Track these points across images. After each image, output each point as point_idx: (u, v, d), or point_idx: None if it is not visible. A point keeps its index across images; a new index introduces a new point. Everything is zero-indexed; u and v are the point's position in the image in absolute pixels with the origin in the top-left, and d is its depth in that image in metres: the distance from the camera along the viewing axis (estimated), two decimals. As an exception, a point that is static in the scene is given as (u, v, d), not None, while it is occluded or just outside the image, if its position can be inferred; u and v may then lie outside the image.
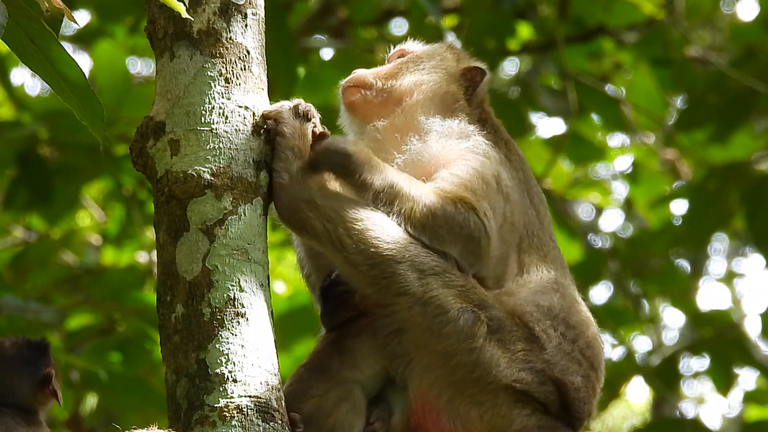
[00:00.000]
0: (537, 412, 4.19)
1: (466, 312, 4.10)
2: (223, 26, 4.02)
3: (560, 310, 4.29)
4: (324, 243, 4.06)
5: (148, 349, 7.73)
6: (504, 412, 4.17)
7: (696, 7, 9.66)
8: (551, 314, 4.26)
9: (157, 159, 3.96)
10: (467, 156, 4.31)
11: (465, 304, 4.11)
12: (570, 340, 4.27)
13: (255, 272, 3.89)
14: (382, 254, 4.05)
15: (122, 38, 8.88)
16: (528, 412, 4.19)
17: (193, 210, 3.91)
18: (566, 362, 4.23)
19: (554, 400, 4.21)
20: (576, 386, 4.23)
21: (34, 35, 3.54)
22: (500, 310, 4.18)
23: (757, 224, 8.64)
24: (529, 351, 4.18)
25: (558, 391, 4.22)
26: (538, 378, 4.18)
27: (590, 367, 4.31)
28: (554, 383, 4.21)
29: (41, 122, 7.94)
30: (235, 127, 3.95)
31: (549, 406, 4.21)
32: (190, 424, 3.77)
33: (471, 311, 4.11)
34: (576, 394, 4.23)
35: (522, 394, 4.17)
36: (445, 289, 4.09)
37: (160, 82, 4.02)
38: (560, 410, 4.23)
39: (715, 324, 9.70)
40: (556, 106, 9.11)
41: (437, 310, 4.07)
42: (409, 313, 4.07)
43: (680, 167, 10.31)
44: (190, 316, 3.84)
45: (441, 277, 4.10)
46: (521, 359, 4.16)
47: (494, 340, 4.13)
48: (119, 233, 8.98)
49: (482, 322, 4.12)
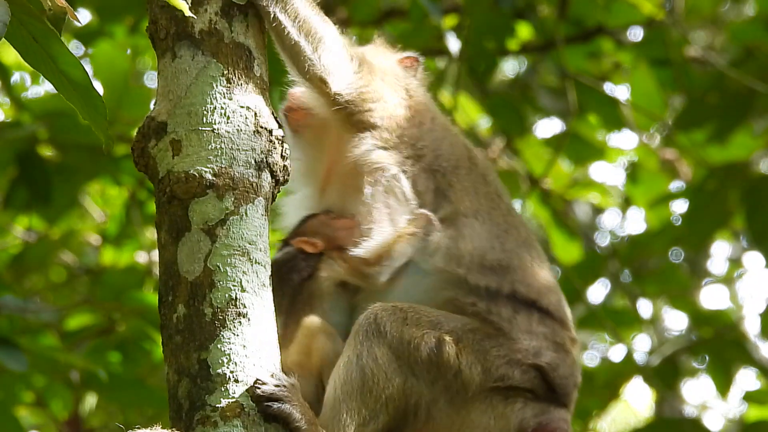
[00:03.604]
0: (528, 401, 4.28)
1: (425, 339, 4.16)
2: (225, 26, 4.02)
3: (507, 274, 4.31)
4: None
5: (147, 349, 7.73)
6: (500, 412, 4.22)
7: (696, 7, 9.67)
8: (500, 291, 4.29)
9: (158, 159, 3.96)
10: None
11: (420, 331, 4.16)
12: (526, 315, 4.31)
13: (257, 272, 3.89)
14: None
15: (122, 38, 8.88)
16: (521, 405, 4.26)
17: (194, 210, 3.91)
18: (536, 342, 4.29)
19: (539, 384, 4.29)
20: (553, 365, 4.31)
21: (37, 34, 3.54)
22: (450, 319, 4.19)
23: (757, 224, 8.64)
24: (499, 346, 4.23)
25: (540, 374, 4.28)
26: (518, 369, 4.24)
27: (561, 327, 4.35)
28: (534, 368, 4.27)
29: (41, 122, 7.94)
30: (236, 128, 3.95)
31: (536, 391, 4.29)
32: (191, 424, 3.78)
33: (430, 336, 4.17)
34: (555, 373, 4.31)
35: (509, 389, 4.21)
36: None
37: (161, 83, 4.01)
38: (547, 391, 4.29)
39: (715, 324, 9.70)
40: (556, 106, 9.12)
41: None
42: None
43: (680, 167, 10.31)
44: (192, 316, 3.84)
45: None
46: (496, 356, 4.21)
47: (463, 350, 4.18)
48: (119, 233, 8.98)
49: (444, 341, 4.17)
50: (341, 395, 4.05)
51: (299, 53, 4.21)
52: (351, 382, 4.05)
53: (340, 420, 4.03)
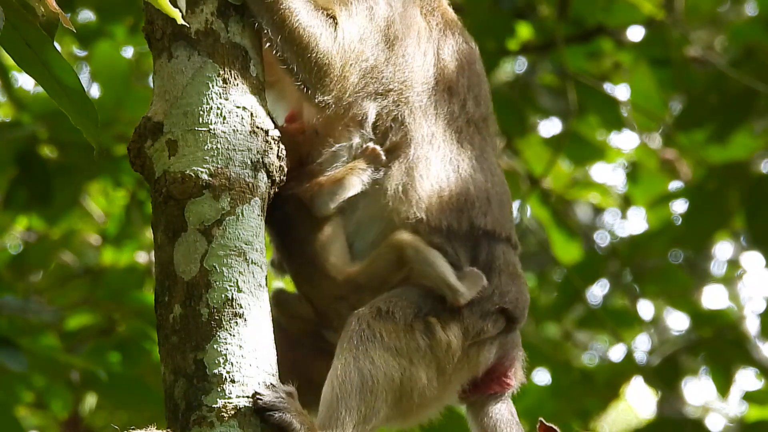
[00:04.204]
0: (493, 341, 4.32)
1: (416, 327, 4.16)
2: (221, 27, 4.03)
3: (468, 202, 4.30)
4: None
5: (147, 349, 7.73)
6: (474, 363, 4.31)
7: (696, 7, 9.67)
8: (459, 229, 4.27)
9: (155, 159, 3.96)
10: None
11: (409, 321, 4.16)
12: (485, 249, 4.28)
13: (253, 273, 3.89)
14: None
15: (122, 38, 8.89)
16: (488, 347, 4.32)
17: (190, 210, 3.91)
18: (497, 281, 4.30)
19: (504, 324, 4.35)
20: (514, 302, 4.33)
21: (31, 39, 3.54)
22: (424, 295, 4.19)
23: (757, 224, 8.64)
24: (470, 305, 4.21)
25: (505, 315, 4.33)
26: (490, 320, 4.31)
27: (513, 251, 4.36)
28: (500, 312, 4.31)
29: (41, 122, 7.94)
30: (232, 128, 3.95)
31: (502, 330, 4.34)
32: (188, 425, 3.78)
33: (419, 323, 4.16)
34: (516, 309, 4.34)
35: (485, 340, 4.30)
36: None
37: (158, 83, 4.02)
38: (509, 324, 4.36)
39: (715, 324, 9.70)
40: (556, 106, 9.12)
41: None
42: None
43: (680, 167, 10.31)
44: (188, 317, 3.85)
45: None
46: (469, 315, 4.23)
47: (447, 323, 4.19)
48: (119, 233, 8.99)
49: (431, 322, 4.17)
50: (339, 394, 4.05)
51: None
52: (350, 382, 4.05)
53: (338, 419, 4.03)
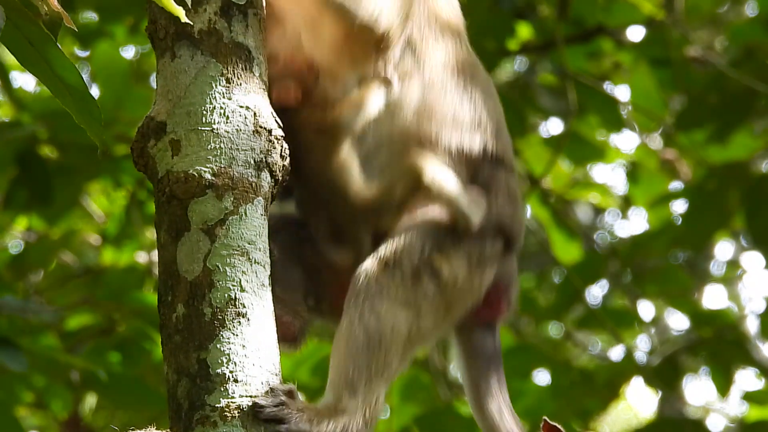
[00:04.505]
0: (494, 264, 4.24)
1: (423, 271, 4.11)
2: (225, 26, 4.02)
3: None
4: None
5: (147, 349, 7.73)
6: (476, 287, 4.21)
7: (696, 7, 9.67)
8: (471, 150, 4.23)
9: (158, 159, 3.96)
10: None
11: (415, 266, 4.10)
12: (488, 176, 4.24)
13: (256, 272, 3.89)
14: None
15: (122, 38, 8.88)
16: (488, 272, 4.22)
17: (194, 210, 3.91)
18: (496, 210, 4.24)
19: (503, 248, 4.28)
20: (510, 220, 4.26)
21: (33, 38, 3.53)
22: (424, 231, 4.14)
23: (757, 224, 8.64)
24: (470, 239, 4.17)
25: (504, 238, 4.26)
26: (489, 243, 4.22)
27: (512, 174, 4.31)
28: (501, 236, 4.25)
29: (41, 122, 7.94)
30: (236, 127, 3.95)
31: (500, 252, 4.27)
32: (191, 424, 3.77)
33: (426, 268, 4.12)
34: (512, 228, 4.27)
35: (484, 262, 4.22)
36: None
37: (161, 82, 4.01)
38: (506, 247, 4.30)
39: (715, 324, 9.70)
40: (556, 106, 9.12)
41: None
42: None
43: (680, 167, 10.32)
44: (191, 316, 3.84)
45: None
46: (470, 245, 4.17)
47: (450, 257, 4.12)
48: (119, 233, 8.99)
49: (434, 261, 4.12)
50: (347, 353, 3.94)
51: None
52: (355, 340, 3.96)
53: (347, 380, 3.94)
